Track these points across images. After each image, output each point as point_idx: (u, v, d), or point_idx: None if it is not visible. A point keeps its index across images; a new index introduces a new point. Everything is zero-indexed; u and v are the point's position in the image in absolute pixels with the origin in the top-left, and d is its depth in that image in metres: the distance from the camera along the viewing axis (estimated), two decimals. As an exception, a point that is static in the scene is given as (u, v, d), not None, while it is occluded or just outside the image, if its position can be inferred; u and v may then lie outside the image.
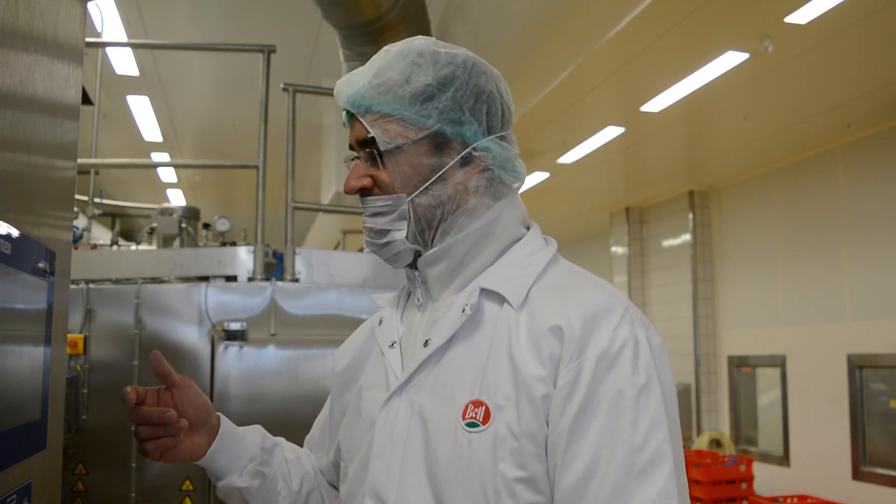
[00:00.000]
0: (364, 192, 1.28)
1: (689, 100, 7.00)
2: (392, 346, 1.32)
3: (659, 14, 5.24)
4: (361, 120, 1.25)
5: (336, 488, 1.53)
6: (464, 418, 1.15)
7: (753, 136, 8.14)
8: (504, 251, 1.30)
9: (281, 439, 1.53)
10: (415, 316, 1.34)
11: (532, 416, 1.12)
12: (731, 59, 6.12)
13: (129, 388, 1.31)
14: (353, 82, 1.27)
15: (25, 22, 1.10)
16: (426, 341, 1.24)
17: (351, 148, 1.31)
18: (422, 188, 1.25)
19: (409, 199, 1.25)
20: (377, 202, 1.27)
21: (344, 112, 1.32)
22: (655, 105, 7.22)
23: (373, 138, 1.24)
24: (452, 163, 1.26)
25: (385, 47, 1.30)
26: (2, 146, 1.03)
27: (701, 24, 5.56)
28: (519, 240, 1.32)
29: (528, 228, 1.35)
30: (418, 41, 1.29)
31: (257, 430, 1.48)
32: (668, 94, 6.91)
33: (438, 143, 1.25)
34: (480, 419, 1.14)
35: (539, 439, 1.12)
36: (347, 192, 1.28)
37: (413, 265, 1.33)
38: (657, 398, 1.12)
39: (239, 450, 1.41)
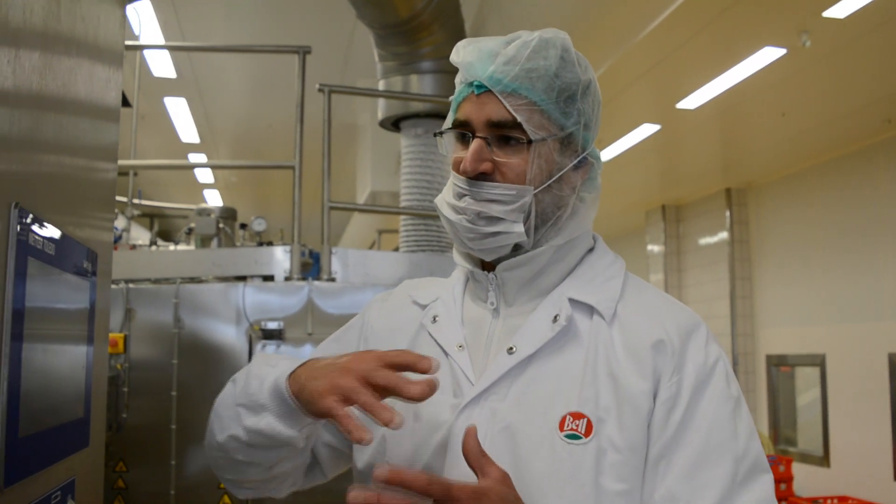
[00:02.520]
0: (482, 177, 1.20)
1: (725, 96, 6.92)
2: (460, 348, 1.25)
3: (695, 10, 5.18)
4: (504, 101, 1.18)
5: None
6: (561, 430, 1.13)
7: (791, 133, 8.03)
8: (579, 262, 1.29)
9: None
10: (483, 319, 1.28)
11: (637, 430, 1.12)
12: (768, 55, 6.03)
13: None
14: (488, 56, 1.21)
15: (67, 26, 1.12)
16: (510, 348, 1.20)
17: (462, 125, 1.23)
18: (546, 184, 1.22)
19: (535, 192, 1.21)
20: (497, 189, 1.19)
21: (462, 84, 1.25)
22: (691, 102, 7.15)
23: (513, 122, 1.18)
24: (571, 165, 1.24)
25: (519, 33, 1.24)
26: (46, 149, 1.05)
27: (737, 20, 5.50)
28: (590, 250, 1.31)
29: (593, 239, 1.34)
30: (559, 35, 1.24)
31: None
32: (704, 90, 6.83)
33: (565, 142, 1.23)
34: (582, 431, 1.13)
35: (643, 453, 1.13)
36: (466, 173, 1.20)
37: (491, 267, 1.28)
38: (747, 409, 1.16)
39: None
